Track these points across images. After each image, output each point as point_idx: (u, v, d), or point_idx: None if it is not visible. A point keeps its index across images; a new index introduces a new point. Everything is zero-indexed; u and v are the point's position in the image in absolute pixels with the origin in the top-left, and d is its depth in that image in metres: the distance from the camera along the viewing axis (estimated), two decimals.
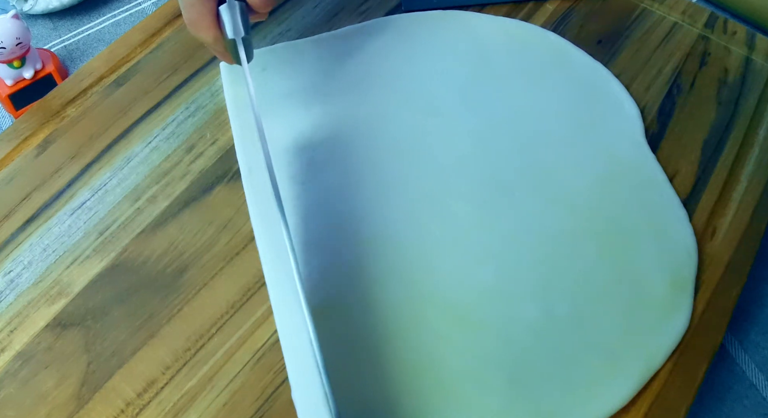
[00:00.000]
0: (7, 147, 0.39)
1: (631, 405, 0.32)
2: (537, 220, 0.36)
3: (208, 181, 0.38)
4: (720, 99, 0.42)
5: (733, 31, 0.45)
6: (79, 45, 0.50)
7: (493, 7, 0.46)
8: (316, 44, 0.43)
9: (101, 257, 0.35)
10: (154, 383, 0.32)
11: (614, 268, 0.35)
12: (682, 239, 0.36)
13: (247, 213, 0.36)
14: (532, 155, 0.39)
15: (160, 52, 0.43)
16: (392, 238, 0.35)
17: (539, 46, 0.43)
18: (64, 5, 0.50)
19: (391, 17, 0.45)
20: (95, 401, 0.31)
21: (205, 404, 0.31)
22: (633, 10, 0.46)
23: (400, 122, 0.40)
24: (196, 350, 0.33)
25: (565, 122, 0.40)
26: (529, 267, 0.35)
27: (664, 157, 0.39)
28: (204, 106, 0.41)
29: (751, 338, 0.38)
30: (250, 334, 0.33)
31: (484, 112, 0.40)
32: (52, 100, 0.41)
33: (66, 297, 0.34)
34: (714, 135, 0.41)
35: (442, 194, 0.37)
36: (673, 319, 0.33)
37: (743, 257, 0.36)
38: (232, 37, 0.33)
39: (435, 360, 0.32)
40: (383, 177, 0.37)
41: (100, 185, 0.38)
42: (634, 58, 0.44)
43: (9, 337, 0.33)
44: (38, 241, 0.36)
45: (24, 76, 0.44)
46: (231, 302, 0.34)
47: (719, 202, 0.38)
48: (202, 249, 0.35)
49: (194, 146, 0.39)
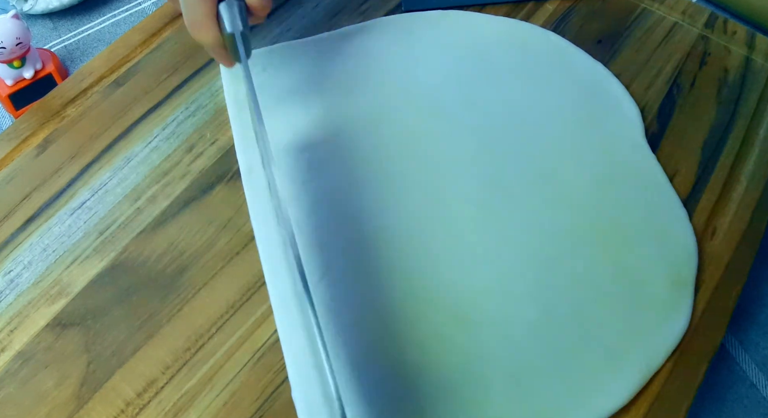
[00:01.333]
0: (7, 147, 0.39)
1: (631, 405, 0.32)
2: (537, 219, 0.36)
3: (208, 181, 0.38)
4: (720, 99, 0.42)
5: (733, 31, 0.45)
6: (79, 45, 0.50)
7: (493, 7, 0.46)
8: (316, 44, 0.43)
9: (101, 257, 0.35)
10: (154, 383, 0.32)
11: (614, 268, 0.35)
12: (682, 238, 0.36)
13: (247, 213, 0.36)
14: (532, 155, 0.39)
15: (160, 52, 0.43)
16: (392, 238, 0.35)
17: (539, 46, 0.43)
18: (64, 5, 0.50)
19: (391, 17, 0.45)
20: (95, 400, 0.31)
21: (205, 404, 0.31)
22: (633, 10, 0.46)
23: (400, 122, 0.40)
24: (196, 349, 0.33)
25: (565, 122, 0.40)
26: (529, 267, 0.35)
27: (664, 157, 0.39)
28: (204, 106, 0.41)
29: (751, 338, 0.38)
30: (250, 334, 0.33)
31: (484, 111, 0.40)
32: (52, 100, 0.41)
33: (66, 297, 0.34)
34: (714, 135, 0.41)
35: (442, 194, 0.37)
36: (673, 319, 0.33)
37: (743, 257, 0.36)
38: (231, 32, 0.33)
39: (435, 359, 0.32)
40: (383, 177, 0.37)
41: (100, 185, 0.38)
42: (634, 58, 0.44)
43: (9, 337, 0.33)
44: (38, 241, 0.36)
45: (24, 76, 0.44)
46: (231, 301, 0.34)
47: (719, 202, 0.38)
48: (202, 249, 0.35)
49: (194, 146, 0.39)
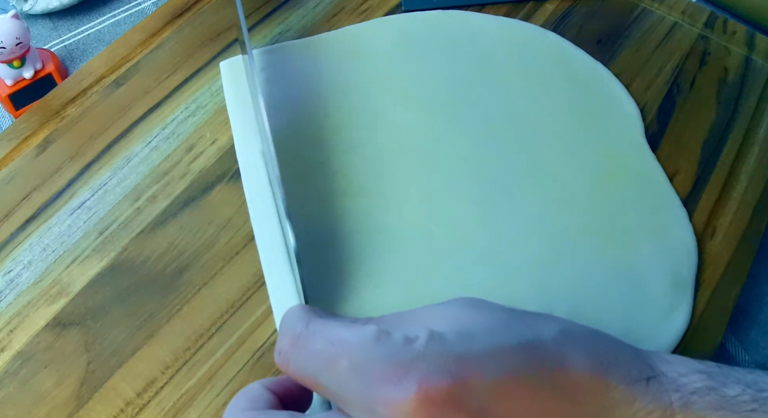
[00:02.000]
0: (7, 147, 0.39)
1: None
2: (536, 219, 0.36)
3: (207, 181, 0.38)
4: (720, 99, 0.42)
5: (733, 31, 0.45)
6: (79, 45, 0.50)
7: (492, 7, 0.46)
8: (316, 44, 0.43)
9: (101, 257, 0.35)
10: (153, 383, 0.32)
11: (614, 268, 0.35)
12: (682, 238, 0.36)
13: (247, 213, 0.36)
14: (532, 155, 0.39)
15: (160, 52, 0.43)
16: (392, 238, 0.35)
17: (539, 46, 0.43)
18: (64, 5, 0.50)
19: (391, 17, 0.45)
20: (95, 400, 0.31)
21: (204, 404, 0.31)
22: (633, 10, 0.46)
23: (399, 122, 0.40)
24: (195, 349, 0.33)
25: (565, 122, 0.40)
26: (528, 267, 0.35)
27: (664, 156, 0.39)
28: (204, 105, 0.41)
29: (751, 338, 0.38)
30: (249, 333, 0.33)
31: (484, 111, 0.40)
32: (52, 100, 0.41)
33: (66, 297, 0.34)
34: (714, 135, 0.41)
35: (441, 194, 0.37)
36: (672, 319, 0.33)
37: (743, 257, 0.36)
38: None
39: None
40: (382, 176, 0.37)
41: (100, 185, 0.38)
42: (634, 58, 0.44)
43: (9, 336, 0.33)
44: (38, 240, 0.36)
45: (24, 76, 0.44)
46: (231, 301, 0.34)
47: (719, 202, 0.38)
48: (201, 249, 0.35)
49: (194, 146, 0.39)
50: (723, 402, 0.23)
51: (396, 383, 0.21)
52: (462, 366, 0.22)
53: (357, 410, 0.23)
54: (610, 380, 0.23)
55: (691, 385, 0.24)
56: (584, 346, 0.24)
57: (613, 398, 0.23)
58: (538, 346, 0.23)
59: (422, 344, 0.22)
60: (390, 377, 0.22)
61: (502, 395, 0.22)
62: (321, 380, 0.23)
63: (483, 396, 0.22)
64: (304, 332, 0.25)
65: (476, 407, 0.21)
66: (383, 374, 0.22)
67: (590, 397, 0.23)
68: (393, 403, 0.21)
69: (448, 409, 0.21)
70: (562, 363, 0.23)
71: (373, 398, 0.22)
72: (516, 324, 0.24)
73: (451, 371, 0.22)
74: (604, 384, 0.23)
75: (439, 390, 0.21)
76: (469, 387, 0.22)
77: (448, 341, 0.23)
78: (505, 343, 0.23)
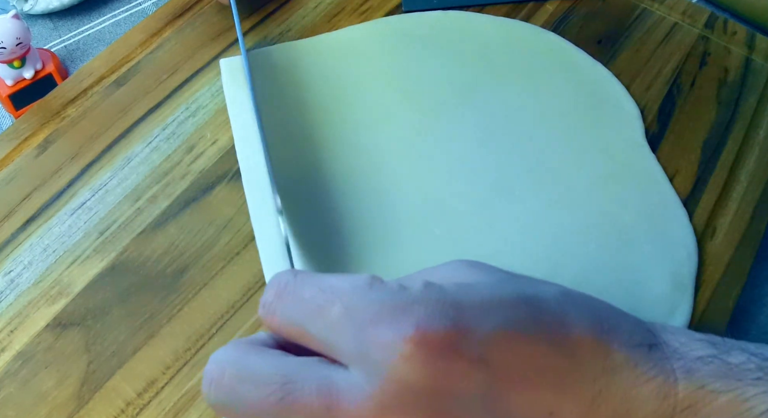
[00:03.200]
0: (7, 147, 0.39)
1: None
2: (536, 219, 0.36)
3: (208, 181, 0.38)
4: (720, 99, 0.42)
5: (733, 31, 0.45)
6: (79, 45, 0.50)
7: (493, 8, 0.46)
8: (316, 45, 0.43)
9: (101, 257, 0.35)
10: (154, 383, 0.32)
11: (614, 268, 0.35)
12: (682, 238, 0.36)
13: (247, 213, 0.36)
14: (532, 155, 0.39)
15: (160, 52, 0.43)
16: (393, 238, 0.35)
17: (539, 47, 0.43)
18: (64, 5, 0.51)
19: (391, 17, 0.45)
20: (95, 400, 0.31)
21: (205, 404, 0.31)
22: (633, 11, 0.46)
23: (400, 122, 0.40)
24: (196, 349, 0.33)
25: (565, 122, 0.40)
26: (528, 267, 0.35)
27: (664, 157, 0.39)
28: (204, 106, 0.41)
29: (751, 338, 0.38)
30: (250, 334, 0.33)
31: (484, 112, 0.40)
32: (52, 100, 0.41)
33: (66, 297, 0.34)
34: (714, 135, 0.41)
35: (441, 194, 0.37)
36: (673, 319, 0.33)
37: (743, 257, 0.36)
38: None
39: None
40: (383, 177, 0.37)
41: (100, 185, 0.38)
42: (634, 58, 0.44)
43: (9, 337, 0.33)
44: (38, 241, 0.36)
45: (24, 76, 0.44)
46: (231, 301, 0.34)
47: (719, 202, 0.38)
48: (202, 249, 0.35)
49: (194, 146, 0.39)
50: (727, 370, 0.22)
51: (392, 323, 0.20)
52: (461, 312, 0.21)
53: (349, 358, 0.21)
54: (611, 343, 0.22)
55: (694, 353, 0.23)
56: (586, 309, 0.23)
57: (614, 361, 0.22)
58: (539, 303, 0.22)
59: (419, 290, 0.21)
60: (386, 318, 0.20)
61: (502, 345, 0.21)
62: (310, 328, 0.22)
63: (482, 345, 0.20)
64: (292, 281, 0.23)
65: (475, 356, 0.20)
66: (379, 316, 0.20)
67: (590, 357, 0.22)
68: (388, 345, 0.20)
69: (447, 354, 0.20)
70: (563, 322, 0.22)
71: (367, 341, 0.20)
72: (517, 282, 0.24)
73: (450, 316, 0.20)
74: (605, 347, 0.22)
75: (438, 334, 0.20)
76: (469, 334, 0.20)
77: (447, 290, 0.21)
78: (506, 295, 0.22)
